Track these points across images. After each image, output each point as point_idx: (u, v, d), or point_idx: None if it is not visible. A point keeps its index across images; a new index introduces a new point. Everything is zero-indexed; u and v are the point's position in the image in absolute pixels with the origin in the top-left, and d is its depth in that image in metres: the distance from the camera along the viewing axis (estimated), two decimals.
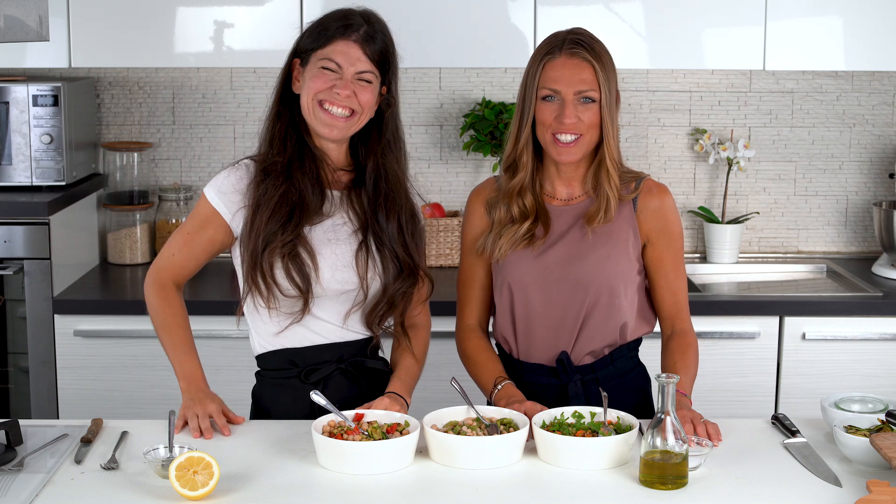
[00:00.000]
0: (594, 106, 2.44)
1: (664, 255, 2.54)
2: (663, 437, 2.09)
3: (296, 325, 2.47)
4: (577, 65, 2.44)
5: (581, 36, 2.49)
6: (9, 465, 2.18)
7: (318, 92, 2.40)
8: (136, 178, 3.91)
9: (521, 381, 2.54)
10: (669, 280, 2.56)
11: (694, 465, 2.16)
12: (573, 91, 2.43)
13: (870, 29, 3.55)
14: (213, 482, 2.04)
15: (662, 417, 2.10)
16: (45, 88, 3.56)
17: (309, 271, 2.42)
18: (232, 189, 2.46)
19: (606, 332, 2.52)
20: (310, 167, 2.45)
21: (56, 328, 3.45)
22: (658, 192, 2.54)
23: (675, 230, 2.55)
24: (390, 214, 2.48)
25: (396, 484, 2.13)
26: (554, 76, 2.45)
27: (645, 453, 2.11)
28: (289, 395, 2.51)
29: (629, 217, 2.52)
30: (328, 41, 2.41)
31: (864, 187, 4.03)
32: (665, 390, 2.10)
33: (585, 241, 2.50)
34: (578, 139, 2.45)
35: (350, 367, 2.52)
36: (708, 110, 3.99)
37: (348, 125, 2.43)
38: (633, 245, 2.52)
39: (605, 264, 2.49)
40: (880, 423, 2.28)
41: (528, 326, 2.54)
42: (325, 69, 2.40)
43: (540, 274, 2.51)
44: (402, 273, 2.49)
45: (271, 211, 2.40)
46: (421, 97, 3.95)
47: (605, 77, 2.44)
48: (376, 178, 2.48)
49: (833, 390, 2.65)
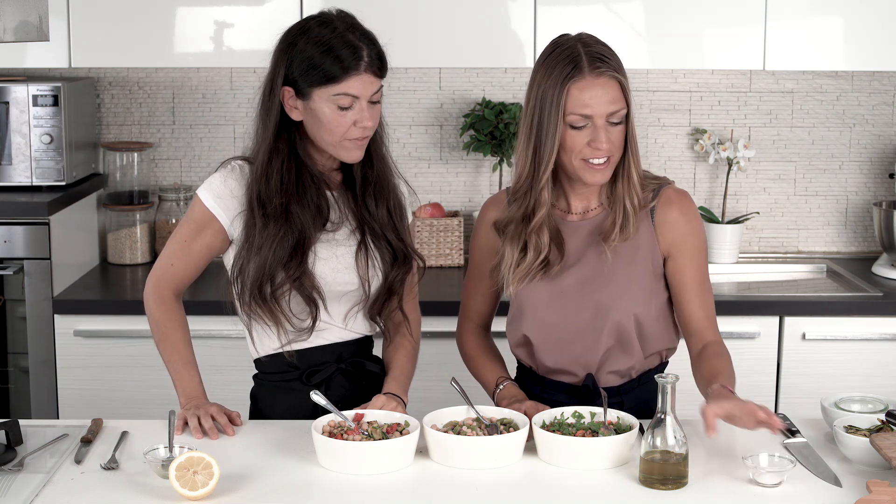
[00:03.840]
0: (622, 124, 2.34)
1: (687, 270, 2.41)
2: (663, 437, 2.09)
3: None
4: (605, 84, 2.30)
5: (595, 47, 2.33)
6: (9, 465, 2.18)
7: (345, 131, 2.35)
8: (136, 178, 3.91)
9: (539, 397, 2.47)
10: (695, 295, 2.41)
11: (776, 482, 2.10)
12: (606, 113, 2.30)
13: (870, 29, 3.55)
14: (213, 482, 2.04)
15: (662, 417, 2.10)
16: (45, 88, 3.56)
17: (317, 298, 2.42)
18: (229, 194, 2.44)
19: (632, 354, 2.44)
20: (310, 195, 2.40)
21: (56, 328, 3.45)
22: (678, 203, 2.42)
23: (696, 242, 2.42)
24: (379, 201, 2.46)
25: (396, 484, 2.13)
26: (583, 101, 2.29)
27: (645, 453, 2.10)
28: (289, 397, 2.50)
29: (648, 231, 2.41)
30: (338, 78, 2.32)
31: (864, 187, 4.03)
32: (665, 390, 2.10)
33: (603, 261, 2.40)
34: (609, 160, 2.34)
35: (350, 367, 2.52)
36: (708, 110, 3.99)
37: (367, 141, 2.42)
38: (654, 261, 2.42)
39: (627, 289, 2.40)
40: (880, 423, 2.28)
41: (544, 347, 2.47)
42: (342, 108, 2.33)
43: (556, 298, 2.43)
44: (396, 260, 2.49)
45: (273, 252, 2.37)
46: (421, 97, 3.95)
47: (628, 90, 2.33)
48: (364, 167, 2.46)
49: (833, 390, 2.64)
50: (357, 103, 2.34)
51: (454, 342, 2.67)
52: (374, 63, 2.34)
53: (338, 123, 2.34)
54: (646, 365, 2.49)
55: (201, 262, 2.49)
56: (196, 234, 2.46)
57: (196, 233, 2.46)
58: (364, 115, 2.35)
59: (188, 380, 2.46)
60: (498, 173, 3.93)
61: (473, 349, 2.59)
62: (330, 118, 2.34)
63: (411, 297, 2.58)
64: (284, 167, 2.39)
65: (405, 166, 3.82)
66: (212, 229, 2.45)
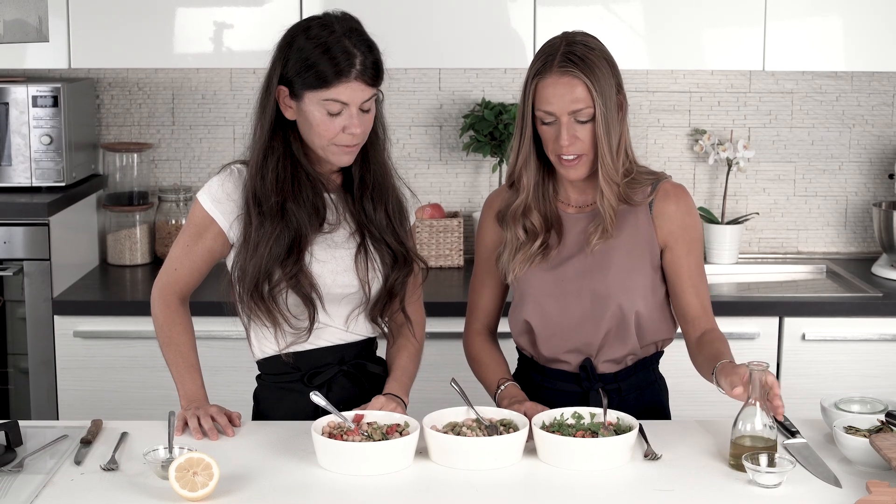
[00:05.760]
0: (591, 123, 2.37)
1: (684, 261, 2.46)
2: (752, 423, 2.18)
3: None
4: (568, 83, 2.34)
5: (574, 46, 2.37)
6: (9, 466, 2.18)
7: (333, 136, 2.35)
8: (136, 178, 3.91)
9: (541, 386, 2.51)
10: (692, 285, 2.46)
11: (776, 482, 2.11)
12: (567, 112, 2.35)
13: (870, 29, 3.55)
14: (212, 483, 2.04)
15: (753, 403, 2.18)
16: (44, 89, 3.56)
17: (314, 299, 2.42)
18: (226, 197, 2.44)
19: (628, 343, 2.47)
20: (306, 194, 2.41)
21: (56, 329, 3.45)
22: (675, 196, 2.46)
23: (693, 234, 2.47)
24: (377, 204, 2.47)
25: (396, 484, 2.13)
26: (546, 97, 2.36)
27: (736, 438, 2.20)
28: (291, 397, 2.50)
29: (646, 223, 2.46)
30: (328, 83, 2.32)
31: (863, 188, 4.03)
32: (753, 377, 2.18)
33: (602, 251, 2.44)
34: (580, 158, 2.39)
35: (352, 369, 2.52)
36: (707, 111, 3.99)
37: (358, 148, 2.42)
38: (651, 253, 2.46)
39: (626, 278, 2.44)
40: (880, 423, 2.28)
41: (545, 336, 2.50)
42: (331, 113, 2.34)
43: (556, 286, 2.47)
44: (397, 262, 2.49)
45: (269, 250, 2.38)
46: (420, 98, 3.95)
47: (600, 90, 2.34)
48: (362, 170, 2.47)
49: (833, 391, 2.64)
50: (346, 110, 2.34)
51: (454, 343, 2.67)
52: (366, 71, 2.33)
53: (326, 128, 2.34)
54: (642, 354, 2.52)
55: (204, 266, 2.49)
56: (197, 239, 2.47)
57: (197, 237, 2.47)
58: (353, 122, 2.34)
59: (190, 383, 2.46)
60: (498, 174, 3.93)
61: (479, 352, 2.61)
62: (319, 122, 2.35)
63: (415, 299, 2.58)
64: (280, 165, 2.39)
65: (405, 167, 3.83)
66: (211, 233, 2.46)
